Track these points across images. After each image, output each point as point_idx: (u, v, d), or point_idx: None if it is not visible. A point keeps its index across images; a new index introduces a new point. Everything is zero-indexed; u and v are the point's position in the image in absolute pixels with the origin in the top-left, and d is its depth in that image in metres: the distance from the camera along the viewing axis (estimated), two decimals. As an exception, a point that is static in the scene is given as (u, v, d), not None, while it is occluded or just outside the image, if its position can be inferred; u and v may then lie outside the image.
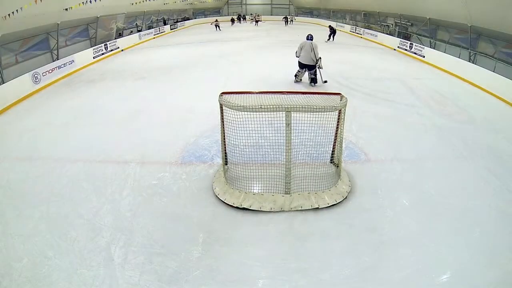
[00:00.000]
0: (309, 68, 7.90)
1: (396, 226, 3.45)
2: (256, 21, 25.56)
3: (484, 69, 8.68)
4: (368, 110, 6.60)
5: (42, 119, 6.50)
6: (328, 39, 16.29)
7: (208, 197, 3.92)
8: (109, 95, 7.91)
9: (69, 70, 10.19)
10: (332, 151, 4.38)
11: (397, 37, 14.72)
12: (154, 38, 18.13)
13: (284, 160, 3.75)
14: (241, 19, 27.38)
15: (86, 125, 6.07)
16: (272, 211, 3.64)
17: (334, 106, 3.62)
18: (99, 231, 3.37)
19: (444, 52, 11.12)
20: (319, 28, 21.55)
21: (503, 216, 3.59)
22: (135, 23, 17.65)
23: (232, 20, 26.16)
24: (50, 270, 2.91)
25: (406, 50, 13.17)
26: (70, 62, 10.31)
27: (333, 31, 16.48)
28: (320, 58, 7.75)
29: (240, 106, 3.50)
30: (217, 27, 21.59)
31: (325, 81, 8.31)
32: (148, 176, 4.36)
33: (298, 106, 3.49)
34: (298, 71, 8.30)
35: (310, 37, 7.81)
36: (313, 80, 8.07)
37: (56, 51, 10.68)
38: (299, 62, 8.02)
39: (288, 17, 26.07)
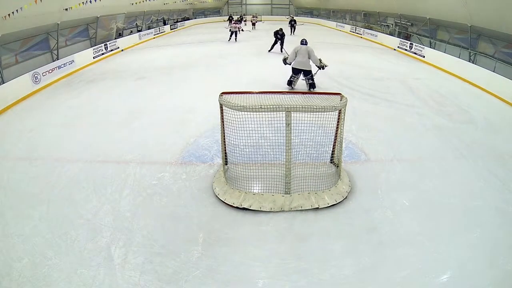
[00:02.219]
0: (305, 73, 7.57)
1: (396, 226, 3.45)
2: (253, 24, 21.54)
3: (484, 69, 8.69)
4: (368, 110, 6.60)
5: (42, 119, 6.50)
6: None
7: (208, 197, 3.91)
8: (109, 95, 7.91)
9: (69, 70, 10.18)
10: (332, 151, 4.38)
11: (397, 37, 14.72)
12: (154, 38, 18.12)
13: (284, 160, 3.75)
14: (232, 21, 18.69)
15: (86, 125, 6.07)
16: (272, 211, 3.63)
17: (334, 106, 3.62)
18: (99, 231, 3.37)
19: (444, 52, 11.12)
20: (323, 29, 21.54)
21: (503, 216, 3.59)
22: (135, 23, 17.64)
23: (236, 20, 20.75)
24: (50, 270, 2.91)
25: (406, 50, 13.17)
26: (70, 62, 10.30)
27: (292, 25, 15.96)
28: (320, 59, 7.55)
29: (240, 106, 3.51)
30: (235, 33, 15.65)
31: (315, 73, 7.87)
32: (148, 176, 4.36)
33: (298, 106, 3.49)
34: (292, 76, 7.71)
35: (304, 42, 7.49)
36: (312, 86, 7.67)
37: (56, 51, 10.67)
38: (293, 68, 7.61)
39: (297, 22, 19.15)
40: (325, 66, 7.68)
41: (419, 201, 3.84)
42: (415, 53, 12.47)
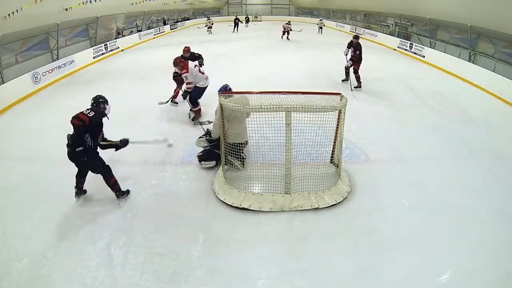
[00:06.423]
0: None
1: (396, 226, 3.45)
2: (286, 32, 16.29)
3: (484, 69, 8.69)
4: (368, 110, 6.59)
5: (42, 119, 6.49)
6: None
7: (208, 197, 3.91)
8: (109, 95, 7.80)
9: (69, 70, 10.18)
10: (332, 151, 4.37)
11: (397, 37, 14.71)
12: (154, 38, 18.13)
13: (284, 160, 3.75)
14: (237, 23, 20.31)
15: (86, 125, 6.05)
16: (272, 211, 3.63)
17: (334, 106, 3.62)
18: (99, 231, 3.37)
19: (444, 52, 11.12)
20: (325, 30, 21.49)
21: (503, 216, 3.59)
22: (135, 23, 17.65)
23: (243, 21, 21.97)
24: (50, 270, 2.91)
25: (406, 50, 13.17)
26: (70, 62, 10.31)
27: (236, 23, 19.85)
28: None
29: (240, 106, 3.51)
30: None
31: None
32: (148, 176, 4.35)
33: (298, 106, 3.48)
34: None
35: None
36: None
37: (56, 51, 10.67)
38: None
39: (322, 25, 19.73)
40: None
41: (419, 201, 3.84)
42: (415, 53, 12.46)
